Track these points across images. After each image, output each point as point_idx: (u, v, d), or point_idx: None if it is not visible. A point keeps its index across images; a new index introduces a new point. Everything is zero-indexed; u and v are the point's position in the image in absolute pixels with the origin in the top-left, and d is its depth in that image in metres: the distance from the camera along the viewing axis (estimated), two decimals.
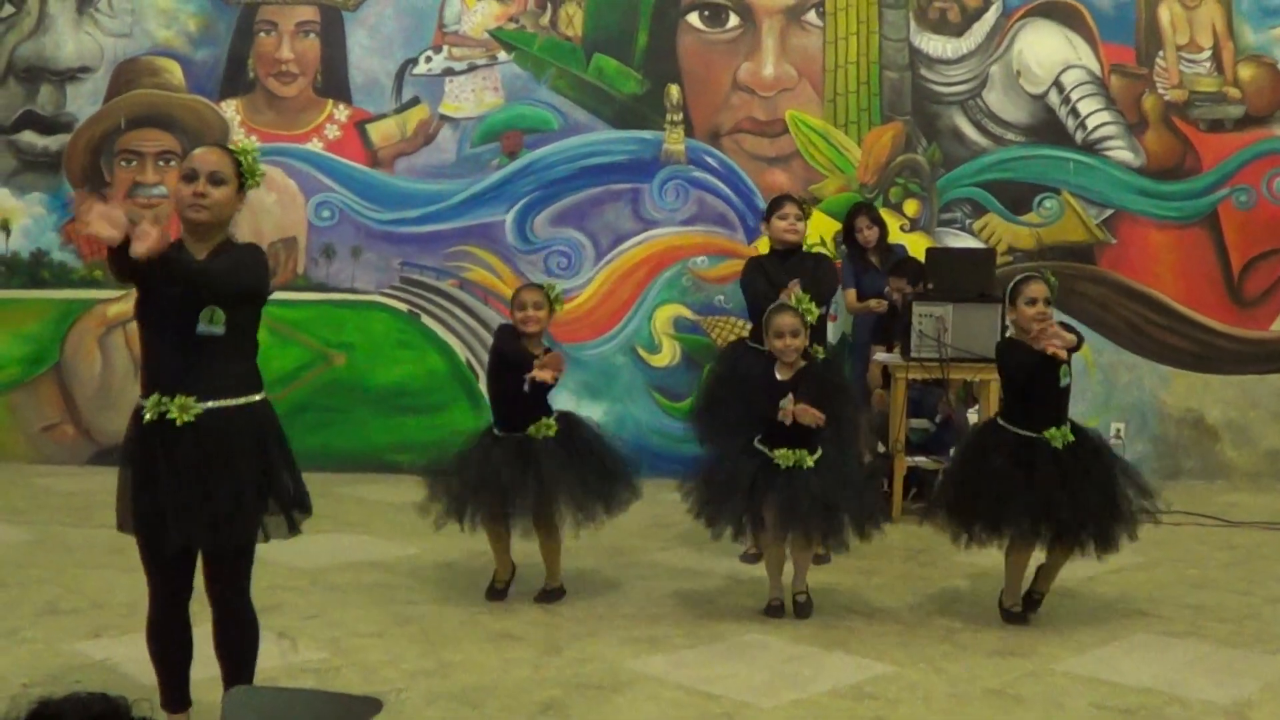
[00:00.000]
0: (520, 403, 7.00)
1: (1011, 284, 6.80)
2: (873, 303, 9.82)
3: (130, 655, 5.82)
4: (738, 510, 6.86)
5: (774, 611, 6.90)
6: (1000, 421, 6.86)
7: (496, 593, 7.20)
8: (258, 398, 4.91)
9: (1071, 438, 6.69)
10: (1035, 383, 6.62)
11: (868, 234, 9.93)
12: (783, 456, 6.77)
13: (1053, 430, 6.66)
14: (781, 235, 8.04)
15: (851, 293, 10.00)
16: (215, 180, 4.78)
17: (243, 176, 4.88)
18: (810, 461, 6.78)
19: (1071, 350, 6.52)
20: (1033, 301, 6.62)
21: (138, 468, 4.85)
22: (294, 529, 5.11)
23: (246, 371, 4.90)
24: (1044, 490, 6.59)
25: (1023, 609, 6.89)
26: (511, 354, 6.99)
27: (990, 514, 6.73)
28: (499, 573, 7.24)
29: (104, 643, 6.24)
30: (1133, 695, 5.71)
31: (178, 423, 4.73)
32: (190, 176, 4.78)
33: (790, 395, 6.77)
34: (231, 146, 4.96)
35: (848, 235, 10.07)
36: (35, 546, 8.27)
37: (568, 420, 7.21)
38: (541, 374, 6.81)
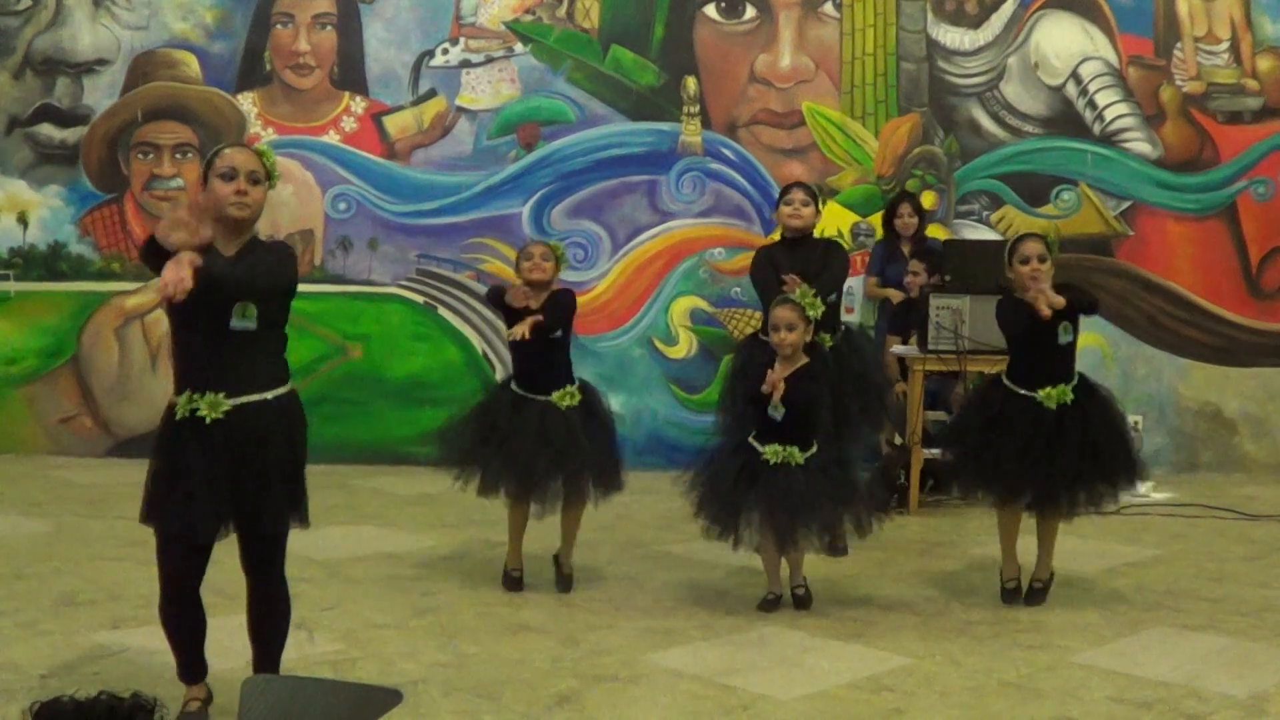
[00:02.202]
0: (539, 361, 7.01)
1: (1009, 244, 6.84)
2: (890, 291, 9.84)
3: (147, 646, 5.84)
4: (721, 508, 6.82)
5: (768, 605, 6.85)
6: (1003, 378, 6.91)
7: (513, 580, 7.20)
8: (285, 390, 5.05)
9: (1070, 397, 6.71)
10: (1033, 339, 6.64)
11: (908, 221, 9.99)
12: (771, 453, 6.72)
13: (1047, 390, 6.69)
14: (786, 221, 8.01)
15: (874, 279, 10.08)
16: (254, 179, 4.97)
17: (268, 176, 5.05)
18: (800, 459, 6.71)
19: (1068, 311, 6.56)
20: (1026, 260, 6.67)
21: (169, 463, 4.97)
22: (305, 520, 5.18)
23: (275, 365, 5.05)
24: (1028, 452, 6.66)
25: (1025, 596, 6.95)
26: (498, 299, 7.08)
27: (979, 471, 6.81)
28: (510, 560, 7.25)
29: (121, 634, 6.25)
30: (1150, 688, 5.69)
31: (208, 420, 4.84)
32: (230, 175, 4.92)
33: (773, 368, 6.76)
34: (254, 148, 5.08)
35: (888, 221, 10.12)
36: (53, 538, 8.29)
37: (587, 390, 7.23)
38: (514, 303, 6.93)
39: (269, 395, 4.95)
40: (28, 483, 10.03)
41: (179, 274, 4.44)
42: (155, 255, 4.65)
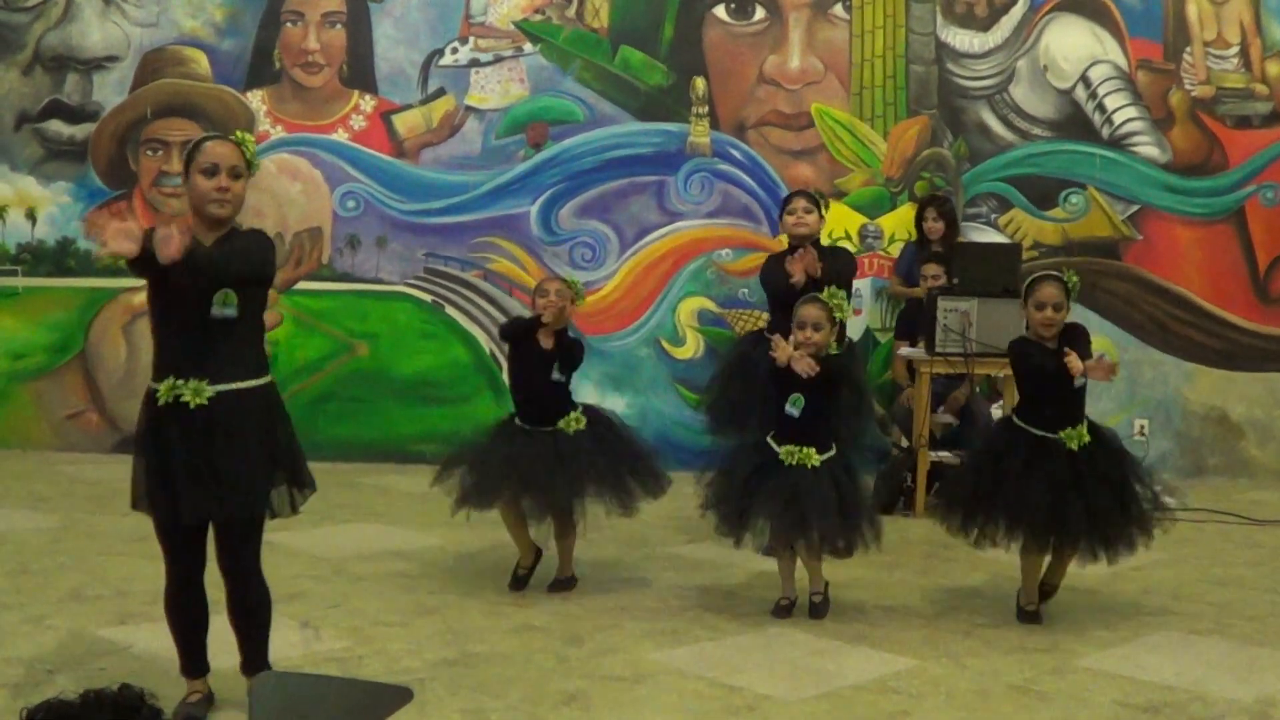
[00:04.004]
0: (543, 395, 7.03)
1: (1027, 282, 6.77)
2: (916, 290, 9.89)
3: (154, 641, 5.85)
4: (729, 506, 6.76)
5: (781, 612, 6.80)
6: (1016, 420, 6.81)
7: (519, 580, 7.20)
8: (265, 380, 5.13)
9: (1087, 438, 6.62)
10: (1048, 383, 6.58)
11: (933, 225, 10.06)
12: (786, 453, 6.66)
13: (1068, 430, 6.59)
14: (791, 230, 8.05)
15: (898, 279, 10.17)
16: (234, 175, 5.01)
17: (248, 165, 5.08)
18: (816, 460, 6.66)
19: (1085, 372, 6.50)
20: (1041, 306, 6.58)
21: (152, 449, 5.06)
22: (295, 507, 5.28)
23: (255, 355, 5.12)
24: (1057, 494, 6.54)
25: (1036, 605, 6.88)
26: (520, 331, 7.09)
27: (1004, 515, 6.71)
28: (522, 559, 7.25)
29: (128, 629, 6.26)
30: (1156, 692, 5.70)
31: (191, 405, 4.92)
32: (211, 172, 4.99)
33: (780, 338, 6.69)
34: (233, 137, 5.12)
35: (917, 224, 10.19)
36: (60, 534, 8.30)
37: (591, 414, 7.24)
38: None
39: (250, 384, 5.03)
40: (35, 478, 10.04)
41: (173, 236, 4.54)
42: (140, 266, 4.76)
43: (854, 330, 10.20)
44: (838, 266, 7.89)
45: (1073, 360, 6.38)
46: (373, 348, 11.12)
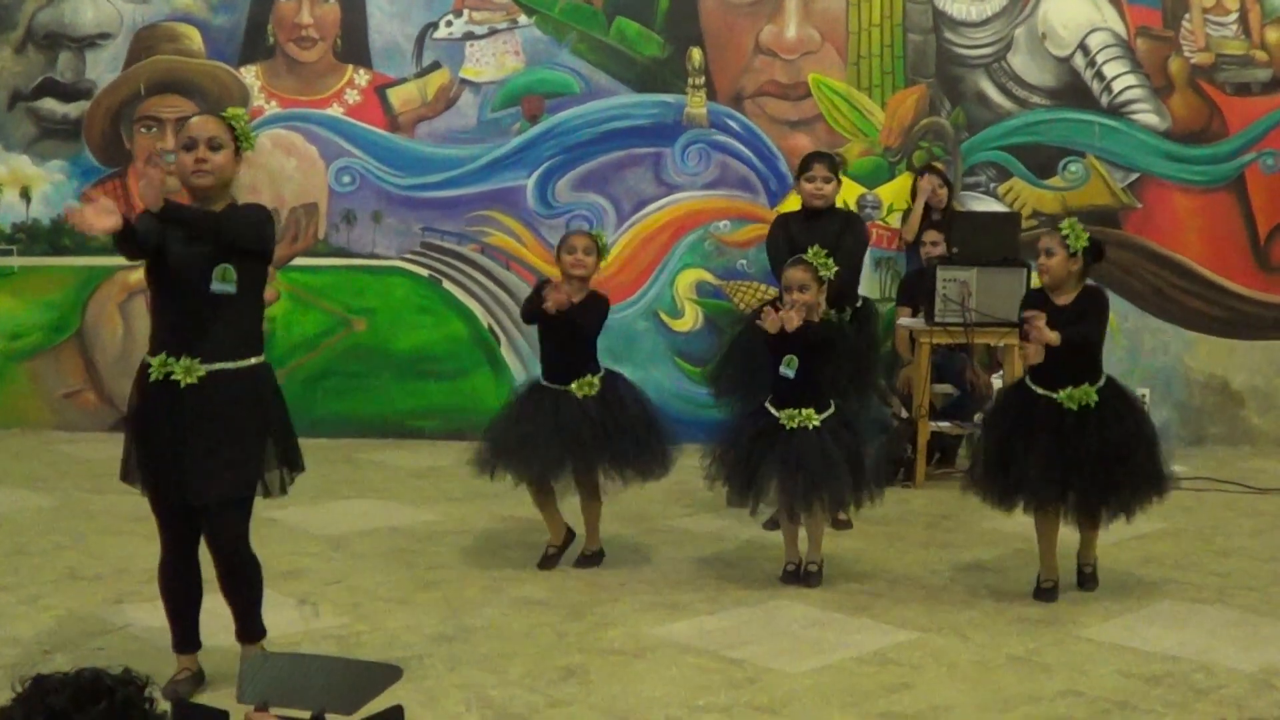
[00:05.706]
0: (562, 355, 6.96)
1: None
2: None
3: (152, 620, 5.82)
4: (738, 474, 6.75)
5: (788, 577, 6.82)
6: (1026, 380, 6.75)
7: (548, 559, 7.14)
8: (256, 360, 5.11)
9: (1094, 399, 6.47)
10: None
11: (940, 193, 10.00)
12: (787, 417, 6.66)
13: (1069, 390, 6.45)
14: (808, 199, 7.97)
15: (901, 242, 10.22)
16: (213, 146, 5.03)
17: (238, 141, 5.10)
18: (816, 420, 6.66)
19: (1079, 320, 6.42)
20: (1037, 254, 6.61)
21: (142, 424, 5.08)
22: (285, 487, 5.26)
23: (249, 335, 5.11)
24: (1045, 455, 6.46)
25: (1079, 581, 6.79)
26: (535, 299, 6.97)
27: (1001, 477, 6.66)
28: (552, 538, 7.19)
29: (125, 609, 6.25)
30: (1158, 662, 5.67)
31: (181, 384, 4.93)
32: (189, 145, 5.04)
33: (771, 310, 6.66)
34: (223, 114, 5.15)
35: (914, 194, 10.22)
36: (57, 513, 8.28)
37: (612, 379, 7.15)
38: (549, 304, 6.79)
39: (243, 364, 5.03)
40: (32, 458, 10.03)
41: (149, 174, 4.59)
42: (128, 244, 4.82)
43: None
44: (848, 236, 7.81)
45: (1036, 329, 6.29)
46: (370, 323, 11.09)
